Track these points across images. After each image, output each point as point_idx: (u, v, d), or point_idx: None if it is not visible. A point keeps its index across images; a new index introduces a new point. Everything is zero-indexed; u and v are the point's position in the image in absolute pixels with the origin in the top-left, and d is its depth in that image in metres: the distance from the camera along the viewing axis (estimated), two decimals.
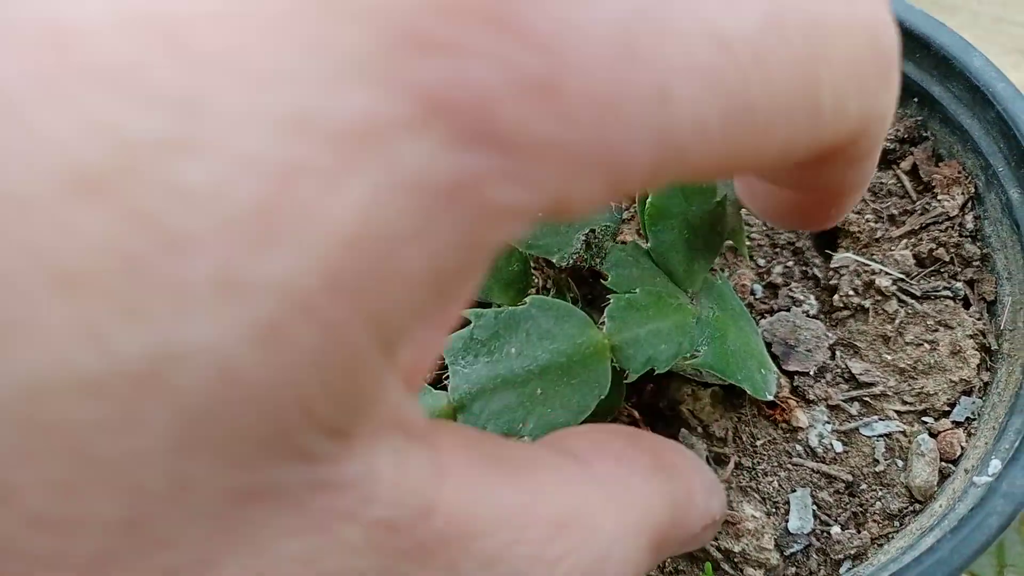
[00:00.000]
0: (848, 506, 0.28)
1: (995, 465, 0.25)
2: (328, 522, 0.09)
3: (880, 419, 0.29)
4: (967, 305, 0.29)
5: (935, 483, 0.27)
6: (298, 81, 0.07)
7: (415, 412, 0.10)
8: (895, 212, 0.30)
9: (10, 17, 0.07)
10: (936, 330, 0.29)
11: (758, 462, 0.29)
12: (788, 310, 0.30)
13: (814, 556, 0.28)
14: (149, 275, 0.07)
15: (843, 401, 0.29)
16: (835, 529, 0.28)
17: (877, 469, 0.28)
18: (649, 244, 0.25)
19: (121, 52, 0.07)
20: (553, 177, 0.09)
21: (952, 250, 0.30)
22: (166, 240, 0.07)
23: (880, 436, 0.29)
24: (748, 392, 0.26)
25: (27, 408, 0.07)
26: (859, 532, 0.28)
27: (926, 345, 0.29)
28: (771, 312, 0.30)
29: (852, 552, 0.27)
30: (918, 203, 0.30)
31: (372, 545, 0.10)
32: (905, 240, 0.30)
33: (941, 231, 0.30)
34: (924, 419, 0.28)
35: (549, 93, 0.08)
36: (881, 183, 0.31)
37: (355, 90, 0.07)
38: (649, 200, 0.24)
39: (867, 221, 0.30)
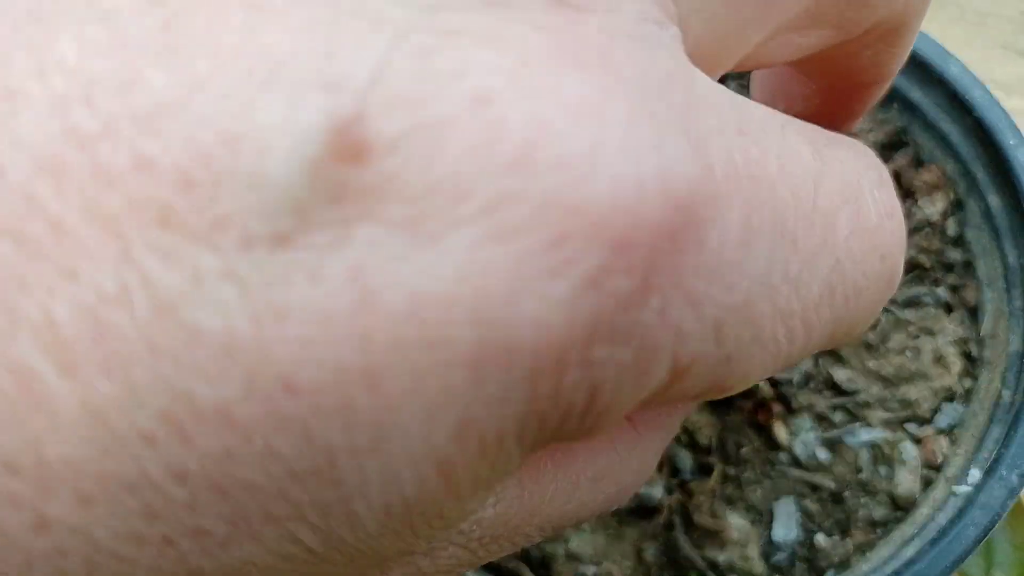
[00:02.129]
0: (832, 514, 0.28)
1: (974, 475, 0.25)
2: (439, 550, 0.13)
3: (864, 427, 0.29)
4: (949, 311, 0.29)
5: (918, 491, 0.27)
6: None
7: None
8: None
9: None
10: (918, 337, 0.29)
11: (743, 470, 0.29)
12: None
13: (799, 564, 0.28)
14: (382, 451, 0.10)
15: (827, 409, 0.29)
16: (819, 537, 0.28)
17: (861, 477, 0.28)
18: None
19: (376, 347, 0.09)
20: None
21: (934, 256, 0.30)
22: (379, 461, 0.09)
23: (864, 444, 0.29)
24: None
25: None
26: (843, 540, 0.28)
27: (909, 352, 0.29)
28: None
29: (836, 560, 0.28)
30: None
31: None
32: None
33: (923, 237, 0.30)
34: (907, 426, 0.29)
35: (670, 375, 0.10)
36: None
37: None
38: None
39: None
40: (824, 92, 0.18)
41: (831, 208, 0.12)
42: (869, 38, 0.14)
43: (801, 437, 0.29)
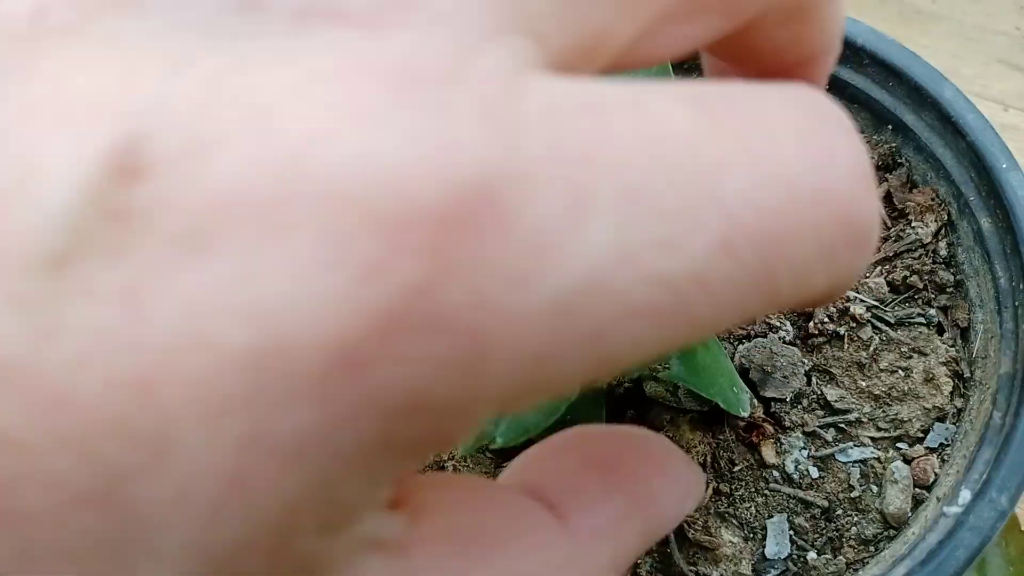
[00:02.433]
0: (824, 531, 0.29)
1: (965, 496, 0.25)
2: None
3: (855, 445, 0.29)
4: (941, 332, 0.30)
5: (908, 510, 0.28)
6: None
7: (394, 528, 0.11)
8: None
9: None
10: (910, 357, 0.29)
11: (736, 488, 0.29)
12: (765, 336, 0.30)
13: None
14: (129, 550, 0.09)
15: (819, 427, 0.29)
16: (811, 554, 0.28)
17: (852, 495, 0.29)
18: None
19: (148, 357, 0.09)
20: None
21: (926, 277, 0.30)
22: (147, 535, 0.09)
23: (855, 462, 0.29)
24: (721, 406, 0.26)
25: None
26: (835, 557, 0.28)
27: (900, 372, 0.29)
28: (748, 338, 0.30)
29: None
30: (892, 230, 0.31)
31: None
32: (879, 267, 0.30)
33: (915, 258, 0.30)
34: (898, 445, 0.29)
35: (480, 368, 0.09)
36: None
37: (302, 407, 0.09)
38: None
39: None
40: (763, 76, 0.16)
41: (716, 164, 0.11)
42: (773, 19, 0.13)
43: (793, 455, 0.29)
